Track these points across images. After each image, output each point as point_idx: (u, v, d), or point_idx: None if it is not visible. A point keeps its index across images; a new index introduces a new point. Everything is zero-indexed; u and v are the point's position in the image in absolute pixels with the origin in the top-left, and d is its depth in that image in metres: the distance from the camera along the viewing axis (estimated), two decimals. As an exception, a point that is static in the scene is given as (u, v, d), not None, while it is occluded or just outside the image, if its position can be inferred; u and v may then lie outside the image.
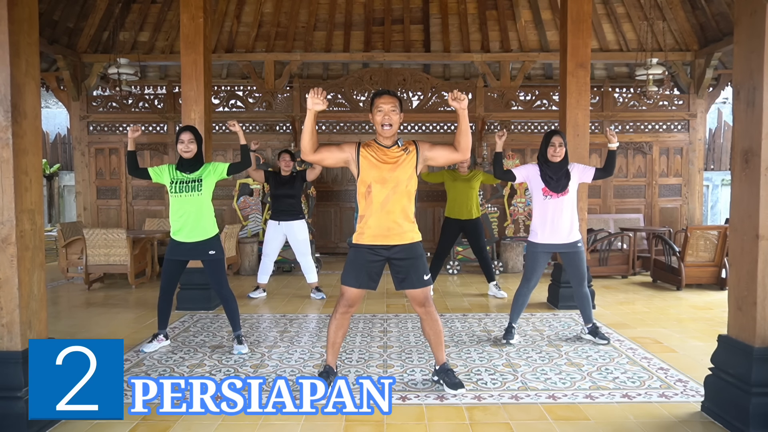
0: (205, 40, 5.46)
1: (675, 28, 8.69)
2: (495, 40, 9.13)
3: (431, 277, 3.19)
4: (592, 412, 2.96)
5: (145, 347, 4.00)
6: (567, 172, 4.09)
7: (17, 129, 2.66)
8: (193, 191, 3.92)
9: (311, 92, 2.87)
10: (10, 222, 2.64)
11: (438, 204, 9.56)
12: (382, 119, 3.03)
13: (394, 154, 3.10)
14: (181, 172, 3.95)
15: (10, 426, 2.59)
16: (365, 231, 3.12)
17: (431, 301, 3.23)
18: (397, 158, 3.09)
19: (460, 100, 2.92)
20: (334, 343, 3.25)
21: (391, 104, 3.05)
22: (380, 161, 3.08)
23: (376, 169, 3.07)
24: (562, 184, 4.06)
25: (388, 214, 3.07)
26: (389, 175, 3.07)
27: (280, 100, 8.83)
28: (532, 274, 4.17)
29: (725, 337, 2.90)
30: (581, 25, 5.33)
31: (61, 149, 12.06)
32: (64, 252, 6.93)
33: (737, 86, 2.83)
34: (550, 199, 4.07)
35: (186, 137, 3.91)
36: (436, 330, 3.24)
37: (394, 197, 3.07)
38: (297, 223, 5.71)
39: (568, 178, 4.07)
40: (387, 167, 3.07)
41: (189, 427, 2.78)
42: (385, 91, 3.12)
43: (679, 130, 8.94)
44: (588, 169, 4.18)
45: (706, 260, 6.32)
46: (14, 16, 2.62)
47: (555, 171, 4.07)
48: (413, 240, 3.15)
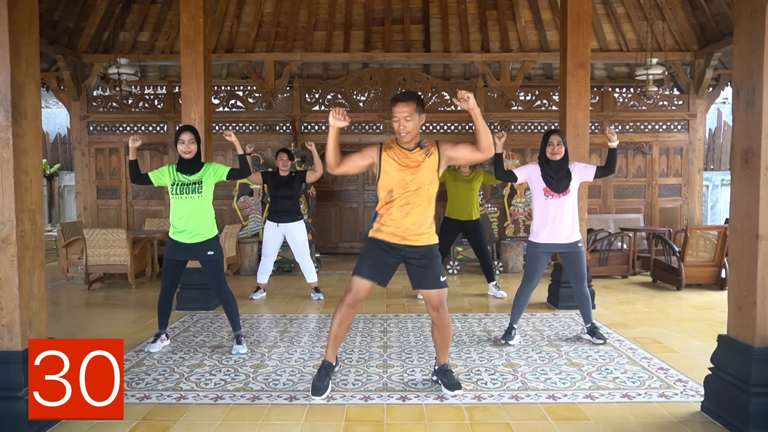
0: (205, 40, 5.47)
1: (675, 28, 8.69)
2: (495, 40, 9.13)
3: (446, 278, 3.18)
4: (592, 412, 2.96)
5: (150, 347, 4.00)
6: (568, 172, 4.08)
7: (17, 129, 2.66)
8: (194, 193, 3.90)
9: (332, 112, 2.87)
10: (10, 222, 2.65)
11: (438, 204, 9.56)
12: (398, 128, 2.99)
13: (416, 158, 3.04)
14: (182, 173, 3.94)
15: (10, 426, 2.59)
16: (383, 229, 3.10)
17: (446, 305, 3.16)
18: (419, 162, 3.03)
19: (465, 99, 2.77)
20: (336, 336, 3.21)
21: (406, 112, 2.95)
22: (402, 165, 3.03)
23: (399, 173, 3.02)
24: (563, 184, 4.05)
25: (406, 216, 3.04)
26: (411, 178, 3.02)
27: (280, 100, 8.83)
28: (533, 274, 4.16)
29: (725, 337, 2.90)
30: (581, 25, 5.34)
31: (61, 149, 12.06)
32: (64, 252, 6.93)
33: (737, 86, 2.83)
34: (552, 199, 4.06)
35: (186, 137, 3.89)
36: (445, 335, 3.21)
37: (415, 200, 3.03)
38: (296, 225, 5.68)
39: (569, 178, 4.07)
40: (409, 171, 3.02)
41: (189, 427, 2.78)
42: (399, 98, 2.99)
43: (679, 130, 8.95)
44: (589, 168, 4.17)
45: (706, 260, 6.32)
46: (14, 16, 2.63)
47: (556, 171, 4.06)
48: (430, 242, 3.12)
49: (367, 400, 3.10)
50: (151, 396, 3.17)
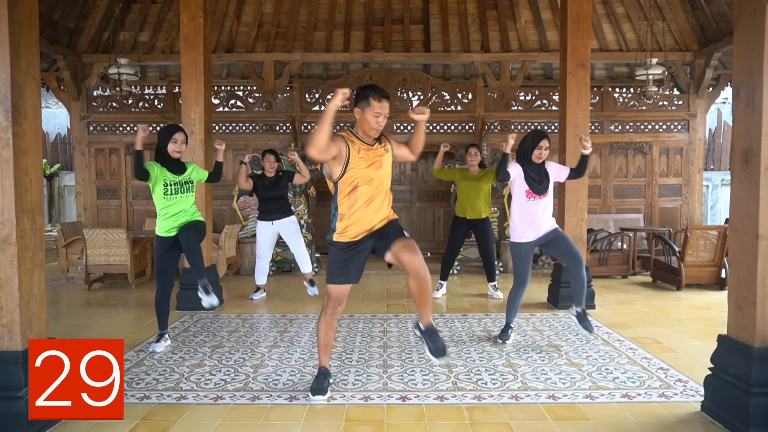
0: (205, 40, 5.47)
1: (675, 28, 8.69)
2: (495, 40, 9.14)
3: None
4: (592, 412, 2.96)
5: (155, 347, 4.00)
6: (546, 173, 4.09)
7: (17, 129, 2.66)
8: (188, 192, 4.01)
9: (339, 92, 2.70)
10: (10, 222, 2.65)
11: (438, 204, 9.58)
12: (377, 123, 2.94)
13: (377, 153, 3.03)
14: (171, 173, 3.93)
15: (10, 426, 2.59)
16: (348, 230, 3.00)
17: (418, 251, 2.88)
18: (380, 157, 3.03)
19: (424, 113, 3.00)
20: (326, 344, 3.21)
21: (388, 110, 2.97)
22: (369, 161, 2.98)
23: (366, 170, 2.96)
24: (544, 186, 4.06)
25: (373, 213, 3.00)
26: (375, 173, 2.99)
27: (280, 100, 8.83)
28: (524, 273, 4.14)
29: (725, 337, 2.90)
30: (581, 25, 5.34)
31: (61, 149, 12.06)
32: (64, 252, 6.93)
33: (737, 86, 2.83)
34: (533, 201, 4.04)
35: (180, 137, 3.91)
36: (423, 287, 2.90)
37: (379, 196, 3.01)
38: (288, 219, 5.67)
39: (548, 179, 4.08)
40: (374, 167, 2.99)
41: (189, 427, 2.78)
42: (386, 95, 2.98)
43: (679, 130, 8.94)
44: (563, 169, 4.18)
45: (706, 260, 6.32)
46: (14, 16, 2.63)
47: (536, 172, 4.05)
48: (390, 218, 3.07)
49: (367, 400, 3.10)
50: (151, 396, 3.17)
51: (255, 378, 3.46)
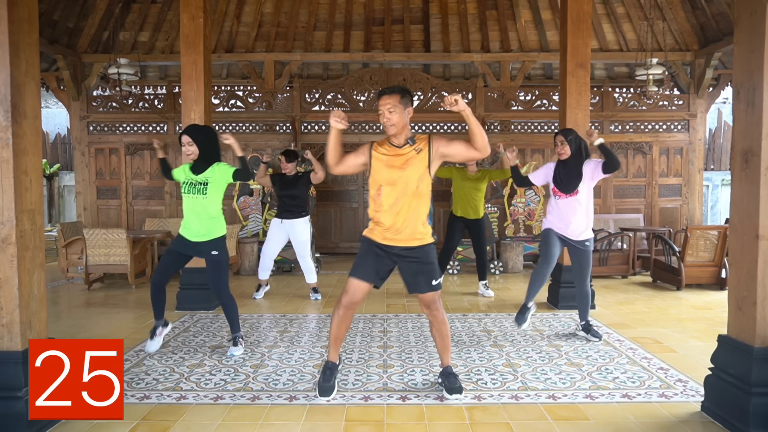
0: (205, 40, 5.46)
1: (675, 28, 8.69)
2: (495, 40, 9.13)
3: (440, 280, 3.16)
4: (592, 412, 2.96)
5: (148, 347, 3.97)
6: (578, 173, 4.04)
7: (17, 129, 2.66)
8: (199, 194, 3.86)
9: (332, 114, 2.93)
10: (10, 222, 2.64)
11: (438, 204, 9.56)
12: (383, 120, 3.00)
13: (403, 154, 3.02)
14: (192, 172, 3.95)
15: (10, 426, 2.59)
16: (375, 229, 3.10)
17: (438, 304, 3.15)
18: (407, 158, 3.00)
19: (454, 103, 2.76)
20: (336, 338, 3.20)
21: (389, 104, 2.95)
22: (390, 161, 3.02)
23: (387, 170, 3.01)
24: (572, 185, 4.03)
25: (397, 215, 3.01)
26: (398, 175, 2.99)
27: (280, 100, 8.82)
28: (549, 252, 4.15)
29: (725, 337, 2.90)
30: (581, 25, 5.34)
31: (61, 149, 12.06)
32: (64, 252, 6.93)
33: (737, 86, 2.83)
34: (560, 200, 4.08)
35: (185, 140, 3.87)
36: (442, 333, 3.19)
37: (404, 199, 3.00)
38: (299, 222, 5.72)
39: (579, 179, 4.03)
40: (397, 167, 3.00)
41: (189, 428, 2.78)
42: (384, 91, 3.01)
43: (679, 130, 8.94)
44: (598, 165, 4.02)
45: (706, 260, 6.32)
46: (14, 16, 2.62)
47: (567, 171, 4.07)
48: (423, 243, 3.08)
49: (367, 400, 3.10)
50: (151, 396, 3.17)
51: (255, 378, 3.46)
